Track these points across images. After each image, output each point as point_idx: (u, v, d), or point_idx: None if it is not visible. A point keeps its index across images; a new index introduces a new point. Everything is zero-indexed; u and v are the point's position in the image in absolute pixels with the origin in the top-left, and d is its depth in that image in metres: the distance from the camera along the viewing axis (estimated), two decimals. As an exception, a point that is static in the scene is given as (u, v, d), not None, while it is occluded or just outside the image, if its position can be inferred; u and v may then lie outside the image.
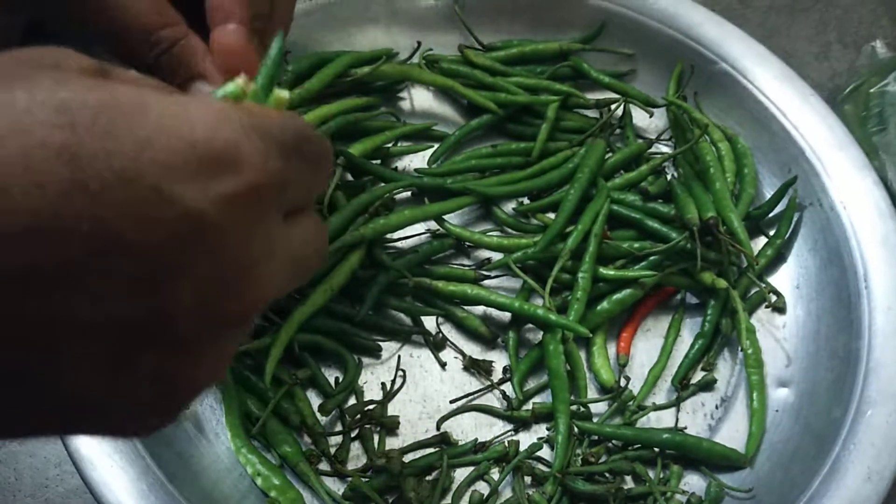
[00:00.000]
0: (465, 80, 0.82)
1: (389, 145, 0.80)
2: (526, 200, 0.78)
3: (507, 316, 0.73)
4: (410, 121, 0.82)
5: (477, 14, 0.84)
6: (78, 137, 0.25)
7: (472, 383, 0.71)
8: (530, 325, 0.73)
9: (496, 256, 0.75)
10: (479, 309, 0.73)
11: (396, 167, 0.80)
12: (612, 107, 0.82)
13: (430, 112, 0.84)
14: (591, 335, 0.69)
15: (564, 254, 0.71)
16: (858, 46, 0.90)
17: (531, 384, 0.71)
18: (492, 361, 0.71)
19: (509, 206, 0.78)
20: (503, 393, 0.70)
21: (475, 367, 0.71)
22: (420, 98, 0.84)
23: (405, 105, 0.84)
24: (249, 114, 0.30)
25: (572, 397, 0.70)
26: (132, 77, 0.30)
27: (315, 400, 0.68)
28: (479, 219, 0.78)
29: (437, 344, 0.72)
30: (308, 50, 0.81)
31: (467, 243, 0.76)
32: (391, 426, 0.68)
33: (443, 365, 0.71)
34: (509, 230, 0.76)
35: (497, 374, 0.71)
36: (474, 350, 0.72)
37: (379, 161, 0.79)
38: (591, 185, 0.76)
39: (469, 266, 0.75)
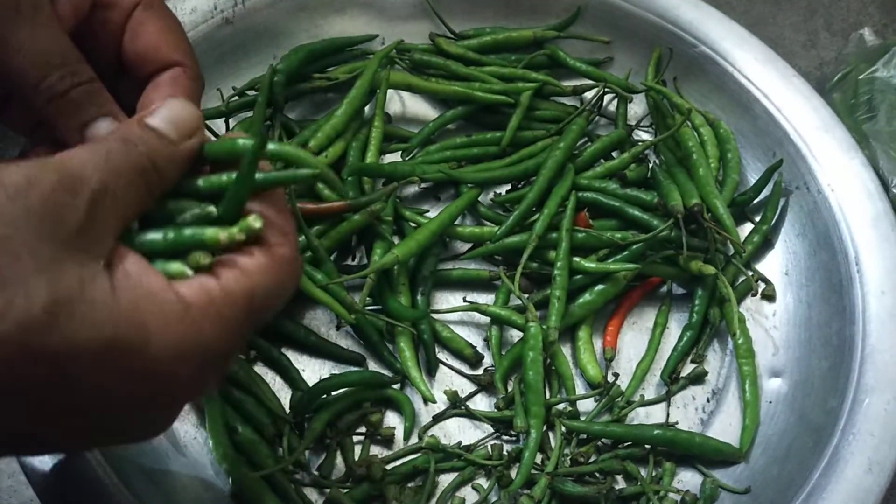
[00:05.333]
0: (437, 72, 0.79)
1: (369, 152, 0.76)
2: (502, 192, 0.75)
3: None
4: (387, 110, 0.79)
5: (447, 1, 0.82)
6: None
7: (456, 388, 0.68)
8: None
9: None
10: (464, 330, 0.70)
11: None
12: (590, 94, 0.79)
13: (403, 102, 0.81)
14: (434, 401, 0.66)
15: (532, 240, 0.69)
16: (846, 34, 0.89)
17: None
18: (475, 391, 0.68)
19: (487, 200, 0.75)
20: (495, 424, 0.67)
21: (461, 405, 0.67)
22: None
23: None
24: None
25: (559, 395, 0.67)
26: None
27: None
28: (431, 202, 0.76)
29: (428, 368, 0.69)
30: (274, 42, 0.78)
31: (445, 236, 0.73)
32: (386, 436, 0.65)
33: (425, 402, 0.67)
34: (488, 223, 0.74)
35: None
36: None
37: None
38: (567, 162, 0.74)
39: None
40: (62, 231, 0.34)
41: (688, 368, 0.70)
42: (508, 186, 0.76)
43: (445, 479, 0.64)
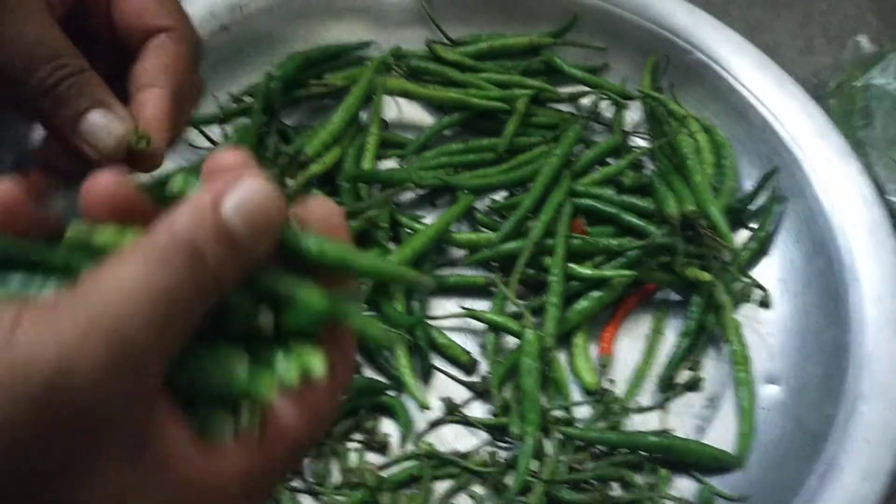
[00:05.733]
0: (434, 78, 0.79)
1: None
2: (499, 198, 0.75)
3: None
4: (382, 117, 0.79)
5: (444, 8, 0.82)
6: None
7: (452, 395, 0.68)
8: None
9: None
10: (460, 336, 0.70)
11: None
12: (586, 100, 0.79)
13: (400, 108, 0.81)
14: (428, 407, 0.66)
15: (529, 245, 0.69)
16: (843, 41, 0.88)
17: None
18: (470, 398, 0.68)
19: (483, 207, 0.75)
20: (491, 431, 0.67)
21: (457, 414, 0.67)
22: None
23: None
24: None
25: (555, 402, 0.67)
26: None
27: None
28: (427, 208, 0.76)
29: (424, 374, 0.68)
30: (271, 48, 0.78)
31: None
32: (381, 443, 0.65)
33: (421, 408, 0.67)
34: (484, 230, 0.74)
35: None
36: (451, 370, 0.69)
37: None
38: (563, 169, 0.74)
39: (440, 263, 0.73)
40: (103, 432, 0.27)
41: (684, 375, 0.70)
42: (505, 192, 0.76)
43: (441, 487, 0.64)
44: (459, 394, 0.68)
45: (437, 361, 0.69)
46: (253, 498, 0.32)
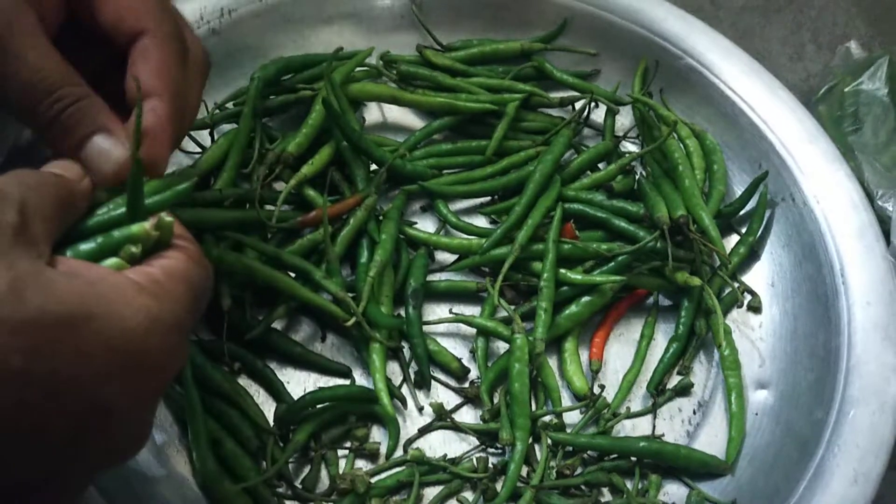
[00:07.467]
0: (424, 83, 0.79)
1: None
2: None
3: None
4: (372, 121, 0.80)
5: (435, 13, 0.82)
6: None
7: (442, 400, 0.68)
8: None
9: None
10: (451, 342, 0.70)
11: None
12: (577, 105, 0.79)
13: (390, 112, 0.81)
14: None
15: (514, 249, 0.68)
16: (833, 47, 0.89)
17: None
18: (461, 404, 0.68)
19: (456, 205, 0.76)
20: (480, 437, 0.66)
21: (447, 418, 0.67)
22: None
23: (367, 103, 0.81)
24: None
25: (545, 407, 0.67)
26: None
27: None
28: (417, 213, 0.76)
29: (417, 383, 0.68)
30: (261, 52, 0.78)
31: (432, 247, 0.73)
32: (371, 451, 0.65)
33: (420, 409, 0.67)
34: (452, 230, 0.74)
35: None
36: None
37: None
38: (554, 174, 0.74)
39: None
40: (4, 233, 0.36)
41: (674, 380, 0.70)
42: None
43: (430, 493, 0.64)
44: (450, 399, 0.68)
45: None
46: (176, 305, 0.40)
